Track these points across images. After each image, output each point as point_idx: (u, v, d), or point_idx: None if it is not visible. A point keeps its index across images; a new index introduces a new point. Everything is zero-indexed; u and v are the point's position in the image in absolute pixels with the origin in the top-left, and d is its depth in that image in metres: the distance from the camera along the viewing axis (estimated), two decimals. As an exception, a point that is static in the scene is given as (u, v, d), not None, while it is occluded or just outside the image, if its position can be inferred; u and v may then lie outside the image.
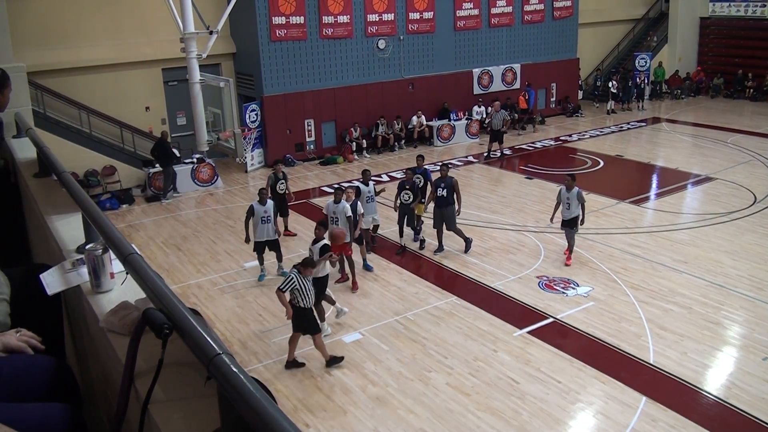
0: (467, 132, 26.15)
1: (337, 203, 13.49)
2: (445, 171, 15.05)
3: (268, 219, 13.70)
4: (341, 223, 13.30)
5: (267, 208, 13.70)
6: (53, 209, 5.22)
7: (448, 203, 14.79)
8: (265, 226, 13.68)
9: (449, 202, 14.79)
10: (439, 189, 14.83)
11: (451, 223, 14.97)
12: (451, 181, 14.86)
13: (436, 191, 14.87)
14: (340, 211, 13.37)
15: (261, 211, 13.62)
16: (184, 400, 2.56)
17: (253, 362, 10.91)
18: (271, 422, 1.76)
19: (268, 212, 13.71)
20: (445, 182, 14.81)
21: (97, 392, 3.65)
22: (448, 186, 14.77)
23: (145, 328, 2.48)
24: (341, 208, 13.38)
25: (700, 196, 18.92)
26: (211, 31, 19.49)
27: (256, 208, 13.65)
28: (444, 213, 14.88)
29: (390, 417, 9.37)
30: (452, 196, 14.80)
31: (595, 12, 32.29)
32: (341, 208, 13.38)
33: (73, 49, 20.33)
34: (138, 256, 2.86)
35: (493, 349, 11.05)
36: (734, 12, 32.88)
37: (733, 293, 12.74)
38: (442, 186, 14.79)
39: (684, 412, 9.21)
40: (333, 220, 13.46)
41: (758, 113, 29.02)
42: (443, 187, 14.78)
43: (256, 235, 13.73)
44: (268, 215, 13.70)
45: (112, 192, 20.20)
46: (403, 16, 24.93)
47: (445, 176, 14.92)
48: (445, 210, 14.84)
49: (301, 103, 23.21)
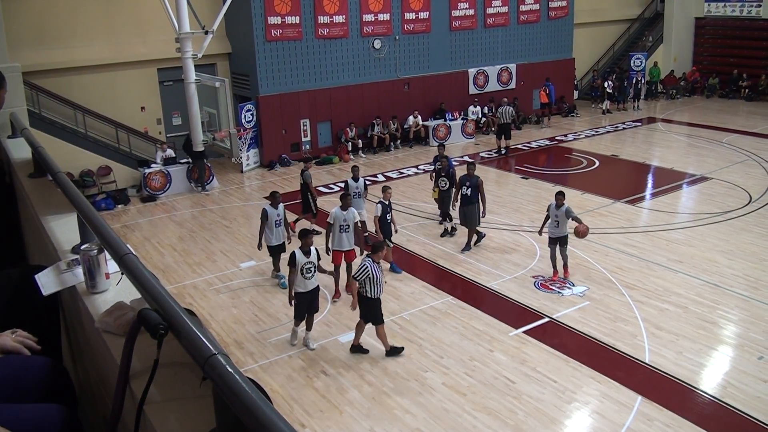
0: (463, 132, 26.17)
1: (345, 209, 12.78)
2: (471, 170, 15.11)
3: (281, 222, 13.40)
4: (351, 230, 12.76)
5: (279, 211, 13.36)
6: (48, 210, 5.22)
7: (471, 202, 14.88)
8: (279, 229, 13.33)
9: (473, 201, 14.87)
10: (464, 188, 14.94)
11: (472, 223, 15.06)
12: (477, 180, 14.93)
13: (461, 190, 15.00)
14: (350, 219, 12.73)
15: (274, 215, 13.25)
16: (179, 401, 2.56)
17: (249, 362, 10.90)
18: (266, 422, 1.76)
19: (281, 215, 13.40)
20: (471, 181, 14.91)
21: (93, 393, 3.65)
22: (473, 185, 14.86)
23: (140, 328, 2.48)
24: (351, 216, 12.74)
25: (696, 196, 18.95)
26: (206, 31, 19.50)
27: (269, 211, 13.24)
28: (467, 212, 14.98)
29: (386, 417, 9.37)
30: (476, 196, 14.87)
31: (591, 12, 32.34)
32: (351, 216, 12.74)
33: (68, 49, 20.32)
34: (133, 257, 2.86)
35: (489, 349, 11.05)
36: (729, 12, 32.94)
37: (728, 292, 12.77)
38: (467, 185, 14.90)
39: (680, 412, 9.23)
40: (343, 228, 12.75)
41: (753, 113, 29.07)
42: (468, 186, 14.88)
43: (272, 239, 13.39)
44: (281, 218, 13.42)
45: (107, 192, 20.16)
46: (398, 16, 24.94)
47: (471, 175, 15.01)
48: (468, 209, 14.94)
49: (296, 103, 23.20)
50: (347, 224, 12.68)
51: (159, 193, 20.37)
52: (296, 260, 10.79)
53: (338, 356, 10.98)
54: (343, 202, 12.81)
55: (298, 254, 10.84)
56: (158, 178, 20.36)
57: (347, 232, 12.74)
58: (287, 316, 12.03)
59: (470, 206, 14.88)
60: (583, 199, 18.22)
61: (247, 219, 18.24)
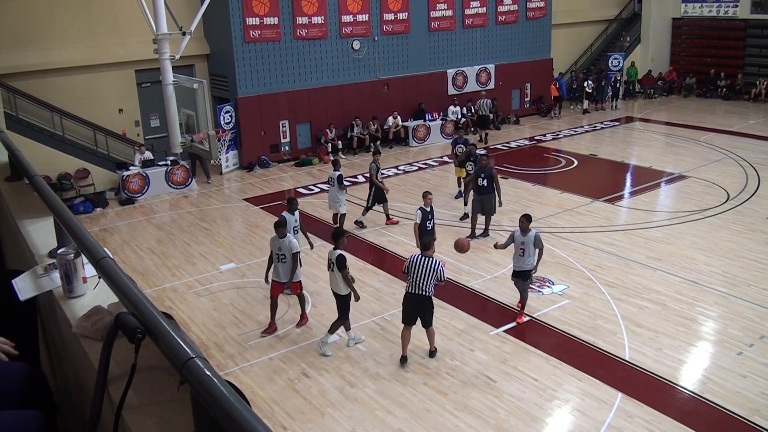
0: (442, 132, 26.21)
1: (281, 238, 11.45)
2: (486, 161, 15.71)
3: (299, 228, 13.04)
4: (288, 260, 11.38)
5: (297, 217, 12.95)
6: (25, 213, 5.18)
7: (488, 192, 15.39)
8: (297, 236, 12.59)
9: (489, 190, 15.38)
10: (479, 178, 15.41)
11: (489, 211, 15.63)
12: (492, 171, 15.47)
13: (477, 180, 15.47)
14: (286, 248, 11.40)
15: (292, 221, 12.70)
16: (158, 405, 2.55)
17: (230, 365, 10.86)
18: (245, 426, 1.75)
19: (298, 221, 12.99)
20: (486, 172, 15.38)
21: (72, 398, 3.62)
22: (488, 176, 15.34)
23: (117, 332, 2.46)
24: (287, 244, 11.40)
25: (674, 194, 19.10)
26: (184, 32, 19.37)
27: (288, 218, 12.53)
28: (483, 201, 15.48)
29: (368, 418, 9.37)
30: (492, 186, 15.38)
31: (568, 13, 32.51)
32: (287, 244, 11.40)
33: (45, 50, 20.12)
34: (110, 260, 2.84)
35: (470, 348, 11.08)
36: (706, 12, 33.24)
37: (707, 289, 12.88)
38: (483, 176, 15.36)
39: (660, 408, 9.30)
40: (279, 257, 11.44)
41: (730, 112, 29.38)
42: (484, 177, 15.35)
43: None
44: (298, 224, 12.97)
45: (85, 195, 20.02)
46: (377, 16, 24.95)
47: (485, 166, 15.49)
48: (485, 198, 15.43)
49: (275, 104, 23.14)
50: (282, 254, 11.38)
51: (137, 196, 20.25)
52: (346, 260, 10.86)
53: (319, 358, 10.96)
54: (278, 232, 11.44)
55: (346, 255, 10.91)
56: (137, 180, 20.24)
57: (283, 262, 11.45)
58: (268, 319, 11.98)
59: (487, 196, 15.43)
60: (562, 198, 18.32)
61: (227, 221, 18.18)
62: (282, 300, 12.12)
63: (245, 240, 16.55)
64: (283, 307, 12.58)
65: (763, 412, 9.16)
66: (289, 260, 11.40)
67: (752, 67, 31.83)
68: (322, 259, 14.83)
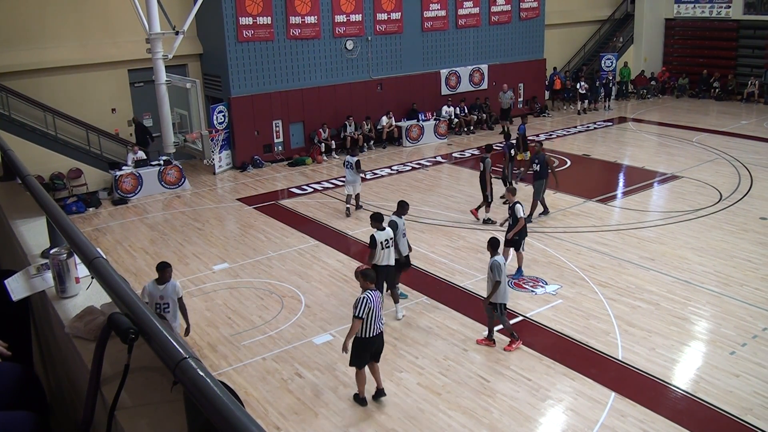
0: (436, 132, 26.22)
1: (162, 283, 9.79)
2: (538, 147, 16.83)
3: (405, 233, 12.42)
4: (172, 307, 9.84)
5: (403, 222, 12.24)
6: (18, 213, 5.17)
7: (541, 177, 16.38)
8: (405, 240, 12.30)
9: (542, 176, 16.37)
10: (533, 164, 16.48)
11: (537, 194, 16.53)
12: (545, 156, 16.53)
13: (531, 166, 16.64)
14: (169, 295, 9.81)
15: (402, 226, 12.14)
16: (151, 406, 2.54)
17: (223, 365, 10.84)
18: (238, 426, 1.75)
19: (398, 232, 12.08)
20: (539, 157, 16.45)
21: (65, 399, 3.61)
22: (542, 161, 16.35)
23: (110, 333, 2.46)
24: (171, 290, 9.85)
25: (666, 194, 19.15)
26: (177, 31, 19.39)
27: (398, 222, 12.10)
28: (536, 185, 16.50)
29: (361, 418, 9.36)
30: (545, 170, 16.38)
31: (562, 13, 32.57)
32: (171, 290, 9.85)
33: (38, 50, 20.07)
34: (103, 260, 2.84)
35: (464, 348, 11.09)
36: (699, 13, 33.34)
37: (699, 289, 12.91)
38: (536, 161, 16.41)
39: (653, 407, 9.33)
40: (161, 307, 9.76)
41: (723, 112, 29.46)
42: (537, 162, 16.40)
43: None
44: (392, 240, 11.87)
45: (78, 195, 19.95)
46: (370, 16, 24.94)
47: (538, 152, 16.62)
48: (537, 183, 16.45)
49: (268, 104, 23.11)
50: (166, 303, 9.81)
51: (130, 196, 20.19)
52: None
53: (312, 358, 10.95)
54: (164, 274, 9.86)
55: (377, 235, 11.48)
56: (129, 180, 20.18)
57: (167, 312, 9.85)
58: (261, 319, 11.98)
59: (539, 180, 16.39)
60: (555, 198, 18.33)
61: (220, 221, 18.14)
62: (275, 300, 12.10)
63: (238, 240, 16.52)
64: (276, 307, 12.58)
65: (756, 411, 9.19)
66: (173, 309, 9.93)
67: (745, 68, 31.94)
68: (315, 258, 14.86)
